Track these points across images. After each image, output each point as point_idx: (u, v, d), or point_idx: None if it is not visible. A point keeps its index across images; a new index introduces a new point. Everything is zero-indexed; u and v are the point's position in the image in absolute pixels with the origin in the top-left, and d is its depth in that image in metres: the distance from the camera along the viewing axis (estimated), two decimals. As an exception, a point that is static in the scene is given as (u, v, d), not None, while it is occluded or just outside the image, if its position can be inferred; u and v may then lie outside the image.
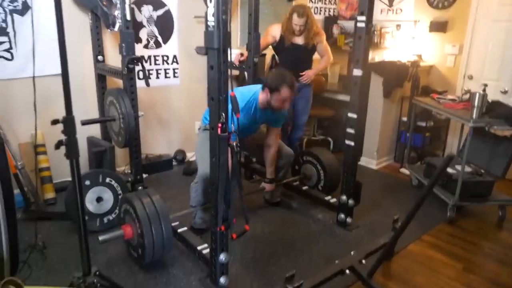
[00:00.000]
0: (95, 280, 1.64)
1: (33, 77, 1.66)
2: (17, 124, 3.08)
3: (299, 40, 3.59)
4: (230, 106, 1.86)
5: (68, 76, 1.37)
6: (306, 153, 3.41)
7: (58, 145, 1.39)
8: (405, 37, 4.54)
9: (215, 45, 1.75)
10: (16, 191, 2.92)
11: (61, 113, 3.08)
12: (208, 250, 2.24)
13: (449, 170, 3.23)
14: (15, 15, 2.91)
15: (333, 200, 3.04)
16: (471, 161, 3.29)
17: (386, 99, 4.07)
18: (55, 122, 1.42)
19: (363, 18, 2.44)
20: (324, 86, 4.76)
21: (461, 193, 3.01)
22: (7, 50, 2.94)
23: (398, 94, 4.19)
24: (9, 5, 2.87)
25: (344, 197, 2.84)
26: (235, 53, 3.39)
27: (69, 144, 1.39)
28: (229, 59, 1.83)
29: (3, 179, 1.59)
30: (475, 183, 3.11)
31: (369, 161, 4.24)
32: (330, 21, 5.06)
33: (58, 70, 3.13)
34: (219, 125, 1.84)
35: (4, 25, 2.88)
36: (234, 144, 1.92)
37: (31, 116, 3.10)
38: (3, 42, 2.91)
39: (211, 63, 1.82)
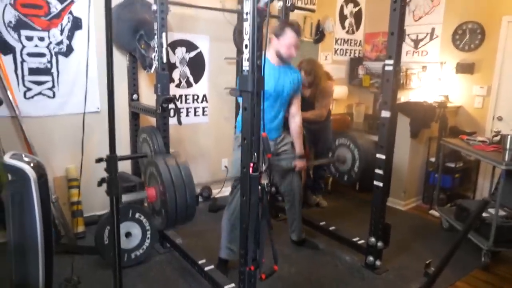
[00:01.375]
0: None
1: (83, 114, 1.78)
2: (53, 158, 3.21)
3: (307, 93, 3.65)
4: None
5: (114, 117, 1.46)
6: (340, 135, 3.28)
7: (100, 183, 1.46)
8: (431, 78, 4.57)
9: (249, 88, 1.82)
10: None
11: (96, 149, 3.21)
12: (235, 290, 2.22)
13: (483, 213, 3.12)
14: (60, 57, 3.12)
15: (361, 241, 2.97)
16: (504, 204, 3.18)
17: (413, 140, 4.05)
18: (99, 160, 1.49)
19: (391, 61, 2.49)
20: (350, 125, 4.79)
21: (496, 238, 2.90)
22: (50, 89, 3.13)
23: (425, 135, 4.16)
24: (55, 47, 3.08)
25: (372, 239, 2.79)
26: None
27: (111, 182, 1.45)
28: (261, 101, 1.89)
29: (45, 215, 1.66)
30: (510, 227, 3.00)
31: (396, 202, 4.16)
32: (355, 62, 5.16)
33: (94, 107, 3.34)
34: (251, 164, 1.88)
35: (49, 65, 3.09)
36: (265, 184, 1.94)
37: (66, 151, 3.27)
38: (47, 81, 3.11)
39: (245, 105, 1.88)
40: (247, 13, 1.77)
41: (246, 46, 1.83)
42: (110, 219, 2.67)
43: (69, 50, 3.15)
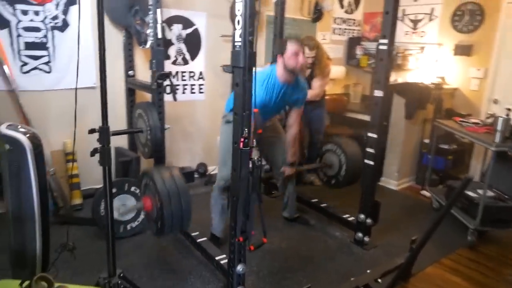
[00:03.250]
0: (119, 282, 1.72)
1: (76, 89, 1.79)
2: (51, 133, 3.25)
3: (306, 72, 3.67)
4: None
5: (106, 89, 1.49)
6: (328, 142, 3.37)
7: (93, 153, 1.50)
8: (429, 60, 4.57)
9: (241, 64, 1.85)
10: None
11: (91, 124, 3.25)
12: (226, 260, 2.30)
13: (471, 193, 3.19)
14: (55, 31, 3.12)
15: (351, 218, 3.05)
16: (494, 185, 3.25)
17: (408, 121, 4.08)
18: (92, 131, 1.54)
19: (385, 41, 2.50)
20: (346, 105, 4.82)
21: (483, 217, 2.97)
22: (46, 64, 3.14)
23: (420, 116, 4.19)
24: (50, 22, 3.08)
25: (362, 216, 2.86)
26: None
27: (103, 152, 1.50)
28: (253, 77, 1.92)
29: (41, 184, 1.71)
30: (498, 208, 3.06)
31: (389, 181, 4.22)
32: (353, 42, 5.14)
33: (91, 83, 3.37)
34: (242, 139, 1.93)
35: (45, 40, 3.09)
36: (256, 158, 1.99)
37: (63, 126, 3.30)
38: (43, 56, 3.12)
39: (236, 80, 1.91)
40: (239, -10, 1.79)
41: (238, 22, 1.85)
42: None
43: (65, 25, 3.15)
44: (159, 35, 2.74)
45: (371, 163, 2.75)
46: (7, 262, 1.83)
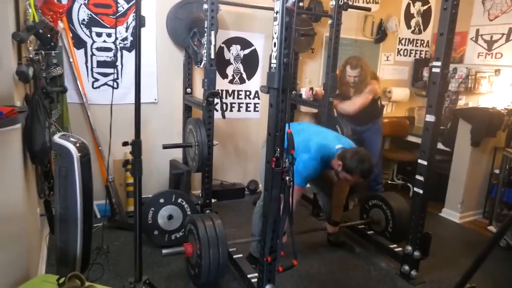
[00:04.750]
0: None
1: (111, 105, 1.97)
2: (113, 143, 3.51)
3: (351, 92, 3.64)
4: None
5: (140, 105, 1.61)
6: (374, 197, 3.30)
7: (125, 164, 1.63)
8: (505, 83, 4.19)
9: (275, 85, 1.87)
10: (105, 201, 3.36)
11: (152, 136, 3.46)
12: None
13: (543, 234, 2.83)
14: (124, 51, 3.43)
15: (399, 249, 2.86)
16: None
17: (475, 149, 3.75)
18: (125, 144, 1.66)
19: (439, 63, 2.36)
20: (407, 129, 4.58)
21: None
22: (114, 80, 3.45)
23: (490, 144, 3.83)
24: (120, 43, 3.40)
25: (409, 248, 2.67)
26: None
27: (134, 164, 1.61)
28: (288, 98, 1.93)
29: (85, 189, 1.87)
30: None
31: (451, 213, 3.90)
32: (420, 63, 4.90)
33: (152, 98, 3.60)
34: (274, 159, 1.94)
35: (114, 59, 3.41)
36: (287, 179, 1.99)
37: (125, 137, 3.57)
38: (112, 73, 3.43)
39: (271, 101, 1.94)
40: (276, 13, 1.83)
41: (274, 44, 1.89)
42: (154, 201, 2.92)
43: (132, 46, 3.44)
44: (212, 56, 2.89)
45: (420, 191, 2.58)
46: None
